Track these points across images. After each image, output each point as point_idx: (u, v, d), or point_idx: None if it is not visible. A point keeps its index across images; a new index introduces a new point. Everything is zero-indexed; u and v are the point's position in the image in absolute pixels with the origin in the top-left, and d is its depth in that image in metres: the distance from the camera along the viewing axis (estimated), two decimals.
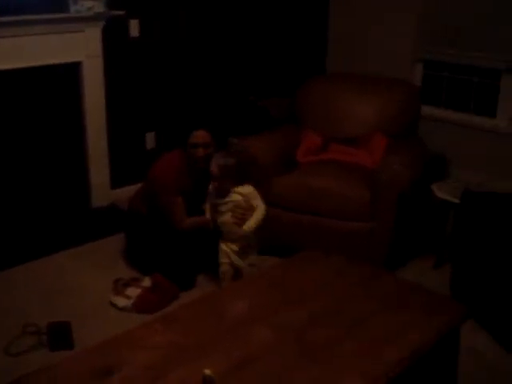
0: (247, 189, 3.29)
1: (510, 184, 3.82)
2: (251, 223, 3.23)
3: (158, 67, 4.59)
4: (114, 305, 3.29)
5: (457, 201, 3.51)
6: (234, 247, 3.30)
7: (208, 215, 3.41)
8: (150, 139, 4.69)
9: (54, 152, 4.22)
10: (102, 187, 4.44)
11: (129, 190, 4.57)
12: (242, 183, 3.29)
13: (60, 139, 4.23)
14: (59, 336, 3.00)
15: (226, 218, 3.28)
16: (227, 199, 3.27)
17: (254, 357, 2.07)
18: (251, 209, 3.26)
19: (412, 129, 4.18)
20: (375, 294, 2.49)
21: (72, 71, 4.16)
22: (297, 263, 2.78)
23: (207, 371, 1.86)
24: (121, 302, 3.28)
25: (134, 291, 3.30)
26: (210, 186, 3.33)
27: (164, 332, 2.21)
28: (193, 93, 4.80)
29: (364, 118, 4.15)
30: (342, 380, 1.96)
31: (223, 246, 3.33)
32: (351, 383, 1.95)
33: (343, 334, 2.21)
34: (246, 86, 5.05)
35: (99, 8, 4.06)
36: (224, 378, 1.93)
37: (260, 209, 3.28)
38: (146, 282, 3.37)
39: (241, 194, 3.26)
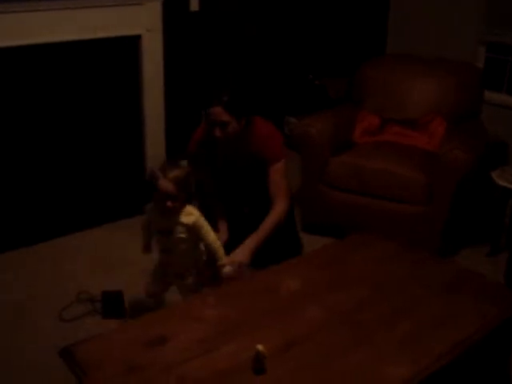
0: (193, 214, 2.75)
1: None
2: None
3: (217, 42, 4.58)
4: None
5: None
6: None
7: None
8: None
9: (111, 124, 4.26)
10: (157, 161, 4.47)
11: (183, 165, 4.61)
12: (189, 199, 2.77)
13: (118, 112, 4.26)
14: (112, 304, 3.05)
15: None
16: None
17: (305, 336, 2.06)
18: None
19: (473, 113, 4.07)
20: (428, 280, 2.45)
21: (131, 45, 4.18)
22: (350, 245, 2.75)
23: (260, 347, 1.86)
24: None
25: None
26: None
27: (217, 306, 2.22)
28: (250, 70, 4.78)
29: (424, 100, 4.06)
30: (391, 365, 1.94)
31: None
32: (401, 369, 1.92)
33: (394, 319, 2.18)
34: (304, 65, 5.01)
35: None
36: (275, 355, 1.93)
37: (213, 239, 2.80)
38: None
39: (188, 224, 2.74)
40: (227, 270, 2.79)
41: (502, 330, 2.31)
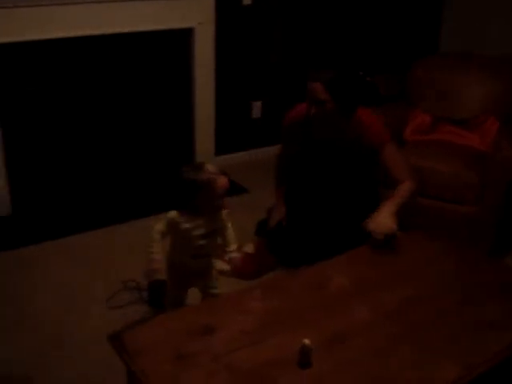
0: None
1: None
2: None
3: (269, 36, 4.58)
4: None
5: None
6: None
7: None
8: (257, 108, 4.70)
9: (162, 116, 4.30)
10: (206, 153, 4.50)
11: (232, 158, 4.64)
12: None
13: (169, 104, 4.31)
14: (158, 293, 3.08)
15: None
16: None
17: (352, 332, 2.05)
18: None
19: None
20: (479, 280, 2.41)
21: (184, 37, 4.21)
22: (400, 243, 2.72)
23: (306, 341, 1.85)
24: (219, 265, 3.32)
25: (236, 256, 3.32)
26: None
27: (263, 299, 2.22)
28: (301, 64, 4.77)
29: (477, 99, 4.00)
30: (438, 364, 1.92)
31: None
32: (448, 369, 1.90)
33: (443, 318, 2.16)
34: (355, 61, 4.97)
35: None
36: (320, 350, 1.92)
37: None
38: (249, 248, 3.39)
39: None
40: (234, 255, 2.72)
41: None
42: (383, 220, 2.67)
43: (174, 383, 1.81)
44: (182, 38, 4.19)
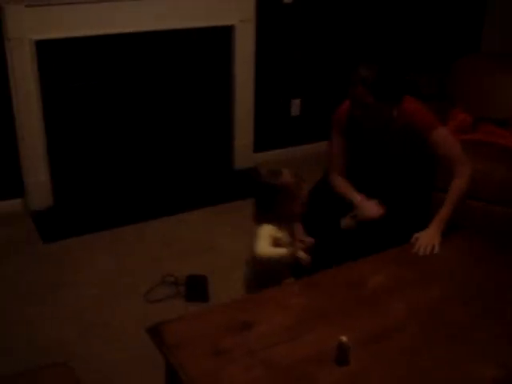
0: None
1: None
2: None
3: (309, 34, 4.58)
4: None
5: None
6: None
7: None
8: (296, 106, 4.70)
9: (202, 113, 4.33)
10: (245, 150, 4.52)
11: (271, 155, 4.65)
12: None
13: (209, 101, 4.33)
14: (196, 288, 3.12)
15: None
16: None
17: (390, 330, 2.05)
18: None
19: None
20: None
21: (225, 35, 4.23)
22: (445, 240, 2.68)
23: (343, 338, 1.86)
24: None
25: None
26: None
27: (302, 295, 2.23)
28: (341, 62, 4.75)
29: None
30: (476, 365, 1.90)
31: None
32: (485, 369, 1.89)
33: (481, 318, 2.14)
34: (396, 59, 4.94)
35: None
36: (358, 347, 1.92)
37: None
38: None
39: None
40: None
41: None
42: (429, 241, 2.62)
43: (212, 377, 1.83)
44: (223, 36, 4.21)
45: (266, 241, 2.45)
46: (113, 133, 4.01)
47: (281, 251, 2.46)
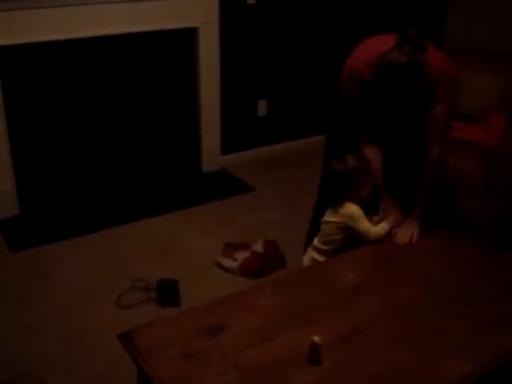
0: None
1: None
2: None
3: (273, 35, 4.58)
4: (220, 265, 3.35)
5: None
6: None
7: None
8: (262, 107, 4.71)
9: (167, 116, 4.31)
10: (212, 152, 4.52)
11: (238, 156, 4.65)
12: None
13: (174, 103, 4.32)
14: (167, 293, 3.10)
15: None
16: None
17: (362, 329, 2.05)
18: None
19: None
20: (486, 276, 2.41)
21: (188, 37, 4.22)
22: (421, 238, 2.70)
23: (316, 338, 1.86)
24: (227, 262, 3.34)
25: (242, 254, 3.34)
26: None
27: (273, 296, 2.22)
28: (307, 62, 4.77)
29: (482, 94, 3.99)
30: (449, 359, 1.92)
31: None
32: (459, 363, 1.90)
33: (453, 314, 2.16)
34: None
35: None
36: (331, 347, 1.93)
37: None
38: (258, 247, 3.40)
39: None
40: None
41: None
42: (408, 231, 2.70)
43: (185, 382, 1.81)
44: (187, 38, 4.20)
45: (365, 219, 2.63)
46: (78, 138, 3.97)
47: (385, 226, 2.66)
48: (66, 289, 3.18)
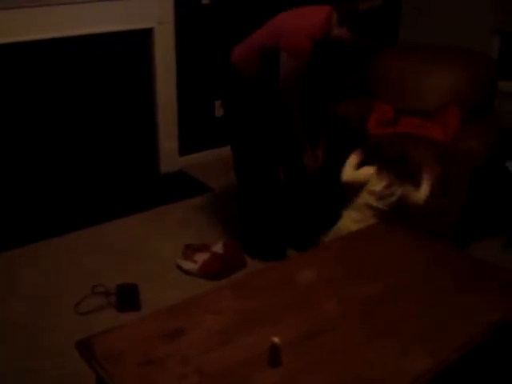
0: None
1: None
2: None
3: (229, 35, 4.56)
4: (180, 268, 3.33)
5: None
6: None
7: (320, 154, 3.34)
8: (219, 107, 4.69)
9: (124, 118, 4.27)
10: (170, 153, 4.48)
11: (197, 157, 4.63)
12: None
13: (130, 105, 4.27)
14: (127, 297, 3.06)
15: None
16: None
17: (323, 328, 2.05)
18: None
19: (487, 103, 4.04)
20: (445, 271, 2.43)
21: (144, 38, 4.18)
22: (368, 235, 2.73)
23: (275, 339, 1.85)
24: (187, 265, 3.31)
25: (202, 256, 3.32)
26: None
27: (234, 298, 2.21)
28: None
29: (437, 90, 4.02)
30: (409, 356, 1.93)
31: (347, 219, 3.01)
32: (419, 360, 1.91)
33: (413, 310, 2.17)
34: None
35: None
36: (291, 347, 1.92)
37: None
38: (218, 248, 3.39)
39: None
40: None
41: None
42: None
43: None
44: (141, 39, 4.16)
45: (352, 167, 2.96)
46: (33, 141, 3.90)
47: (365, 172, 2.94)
48: (24, 296, 3.11)
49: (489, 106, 4.06)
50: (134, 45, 4.16)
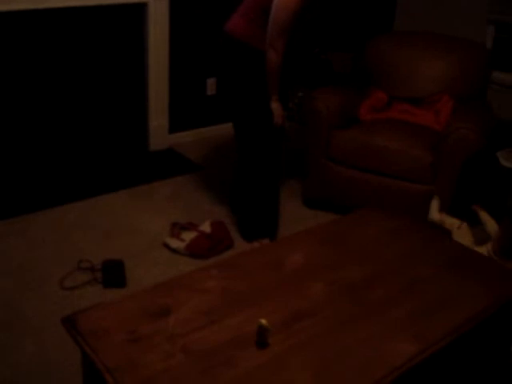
0: None
1: None
2: None
3: (223, 12, 4.51)
4: (167, 246, 3.32)
5: None
6: None
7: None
8: (211, 85, 4.65)
9: (115, 93, 4.23)
10: (160, 131, 4.45)
11: (186, 135, 4.60)
12: None
13: (122, 80, 4.23)
14: (113, 273, 3.04)
15: None
16: None
17: (309, 311, 2.05)
18: None
19: (480, 93, 4.04)
20: (433, 257, 2.43)
21: (138, 12, 4.13)
22: (355, 220, 2.73)
23: (263, 321, 1.85)
24: (174, 243, 3.30)
25: (189, 235, 3.31)
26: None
27: (220, 278, 2.20)
28: None
29: (431, 78, 4.03)
30: (394, 341, 1.93)
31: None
32: (404, 345, 1.92)
33: (400, 296, 2.17)
34: (311, 38, 4.96)
35: None
36: (278, 329, 1.92)
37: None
38: (205, 227, 3.37)
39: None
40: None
41: (505, 310, 2.31)
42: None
43: (130, 366, 1.77)
44: (136, 13, 4.11)
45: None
46: (22, 115, 3.86)
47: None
48: (9, 271, 3.09)
49: (481, 96, 4.06)
50: (128, 20, 4.11)
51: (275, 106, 3.22)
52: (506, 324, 2.38)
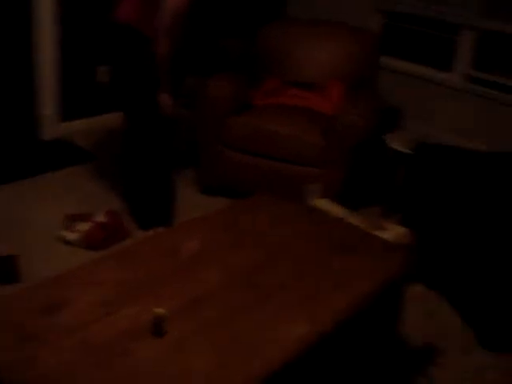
0: None
1: (457, 138, 3.89)
2: None
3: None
4: (63, 238, 3.25)
5: (409, 152, 3.55)
6: None
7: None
8: (103, 73, 4.56)
9: (1, 79, 4.07)
10: (50, 119, 4.33)
11: (80, 124, 4.50)
12: None
13: (8, 65, 4.07)
14: (4, 269, 2.95)
15: None
16: None
17: (205, 297, 2.07)
18: None
19: (370, 78, 4.17)
20: (325, 240, 2.51)
21: None
22: (248, 206, 2.77)
23: (159, 310, 1.86)
24: (69, 235, 3.24)
25: (85, 226, 3.25)
26: None
27: (115, 268, 2.18)
28: None
29: (321, 64, 4.12)
30: (289, 323, 1.99)
31: None
32: (298, 327, 1.98)
33: (291, 279, 2.23)
34: (205, 25, 4.94)
35: None
36: (175, 317, 1.93)
37: None
38: (100, 217, 3.32)
39: None
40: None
41: (393, 289, 2.42)
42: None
43: (24, 366, 1.73)
44: None
45: None
46: None
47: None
48: None
49: (372, 80, 4.19)
50: (12, 4, 3.96)
51: (163, 95, 3.22)
52: (392, 303, 2.49)
